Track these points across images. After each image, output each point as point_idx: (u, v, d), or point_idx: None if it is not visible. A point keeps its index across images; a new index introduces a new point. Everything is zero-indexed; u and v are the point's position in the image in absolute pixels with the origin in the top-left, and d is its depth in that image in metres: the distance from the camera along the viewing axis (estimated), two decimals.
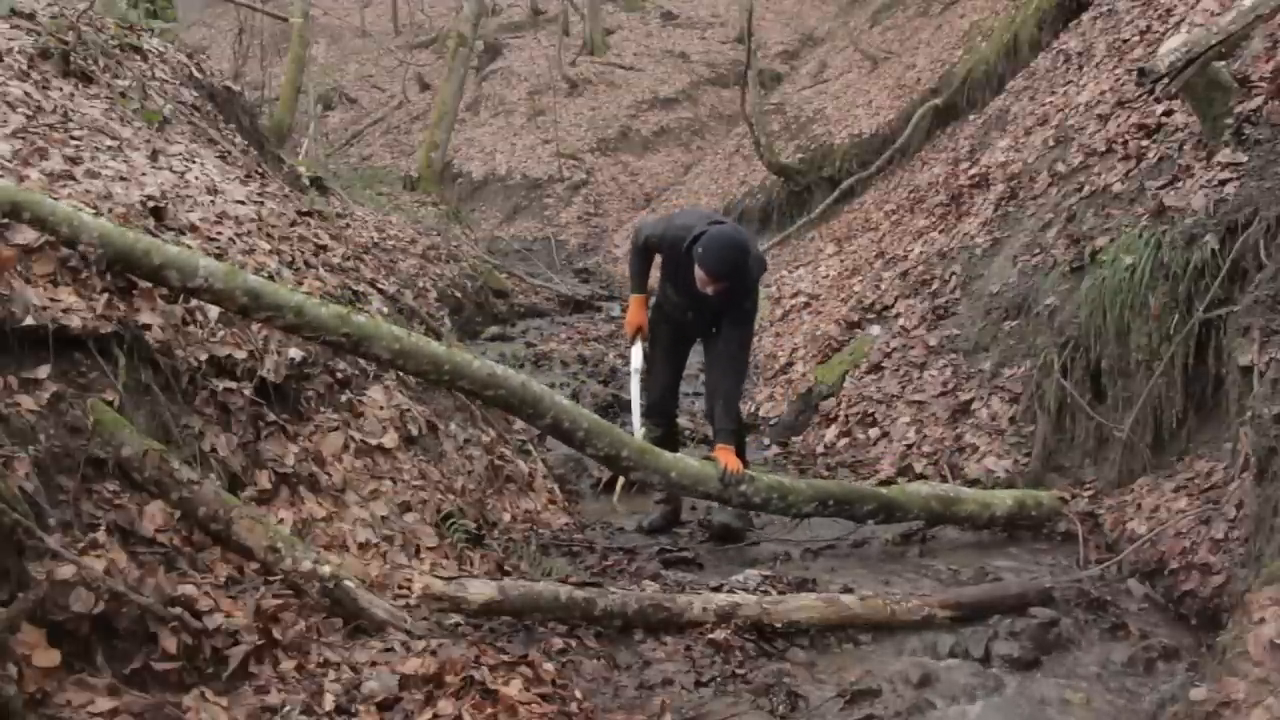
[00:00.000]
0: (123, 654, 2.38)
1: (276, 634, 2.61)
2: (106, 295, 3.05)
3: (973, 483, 4.85)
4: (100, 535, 2.52)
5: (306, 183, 8.89)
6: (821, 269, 9.47)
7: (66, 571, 2.32)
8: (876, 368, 6.06)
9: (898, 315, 6.42)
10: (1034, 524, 4.32)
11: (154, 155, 4.43)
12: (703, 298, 4.20)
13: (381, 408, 3.87)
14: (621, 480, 4.58)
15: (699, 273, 4.08)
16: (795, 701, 2.90)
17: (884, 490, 4.24)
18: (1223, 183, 4.27)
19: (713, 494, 4.04)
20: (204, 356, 3.24)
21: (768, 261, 4.41)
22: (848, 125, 13.62)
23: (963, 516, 4.25)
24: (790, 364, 7.22)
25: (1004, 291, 5.62)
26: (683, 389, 7.60)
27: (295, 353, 3.58)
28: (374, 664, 2.65)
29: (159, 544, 2.67)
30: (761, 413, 6.70)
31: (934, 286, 6.33)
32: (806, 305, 8.56)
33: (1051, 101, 7.40)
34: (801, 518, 4.18)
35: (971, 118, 10.27)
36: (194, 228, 3.88)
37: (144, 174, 4.10)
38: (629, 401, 5.03)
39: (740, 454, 4.34)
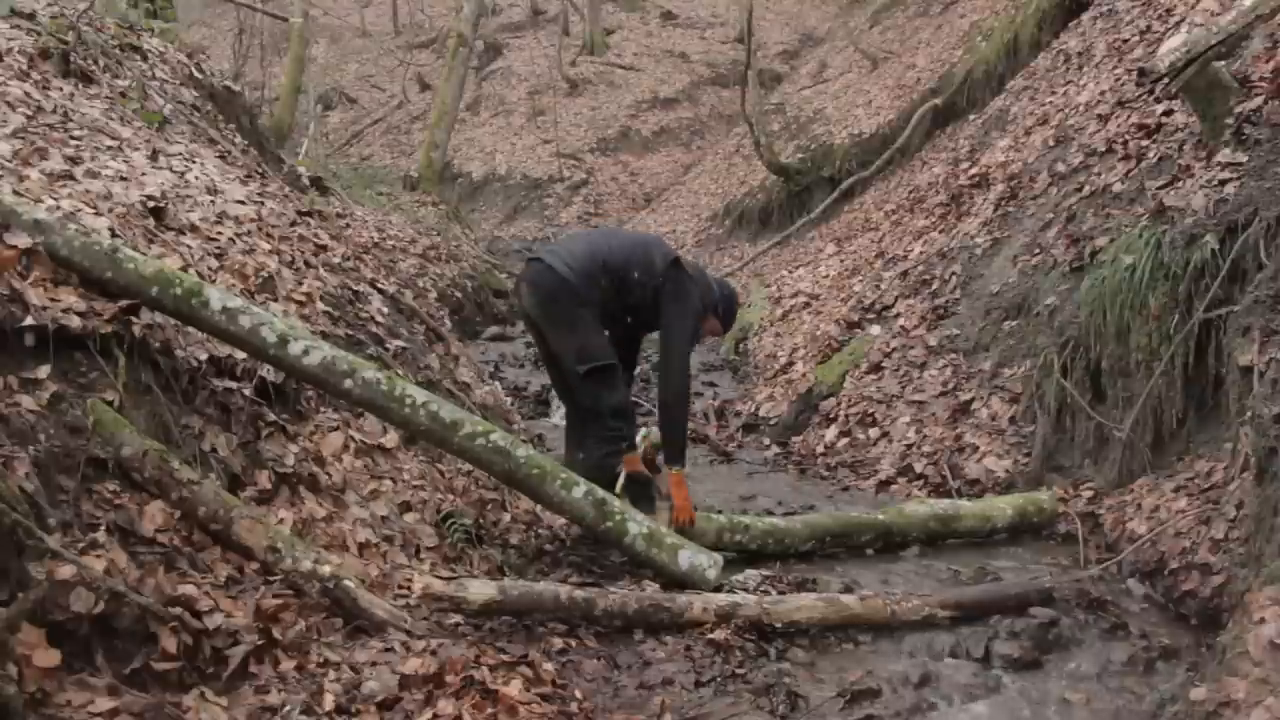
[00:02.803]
0: (123, 654, 2.37)
1: (276, 634, 2.61)
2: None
3: (973, 482, 4.85)
4: (100, 535, 2.52)
5: (306, 183, 8.89)
6: (821, 269, 9.47)
7: (66, 571, 2.32)
8: (876, 368, 6.06)
9: (898, 315, 6.42)
10: (1036, 529, 4.32)
11: (154, 155, 4.43)
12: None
13: None
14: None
15: (714, 329, 4.58)
16: (795, 701, 2.90)
17: (881, 516, 4.19)
18: (1223, 183, 4.27)
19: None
20: (204, 356, 3.24)
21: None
22: (848, 125, 13.62)
23: (963, 532, 4.25)
24: (790, 364, 7.22)
25: (1004, 291, 5.62)
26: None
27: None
28: (374, 664, 2.65)
29: (159, 544, 2.67)
30: (761, 413, 6.70)
31: (934, 286, 6.33)
32: (806, 305, 8.56)
33: (1051, 101, 7.40)
34: (799, 556, 4.07)
35: (971, 118, 10.28)
36: (194, 228, 3.88)
37: (144, 174, 4.10)
38: None
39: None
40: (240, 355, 3.32)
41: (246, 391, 3.30)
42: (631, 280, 4.17)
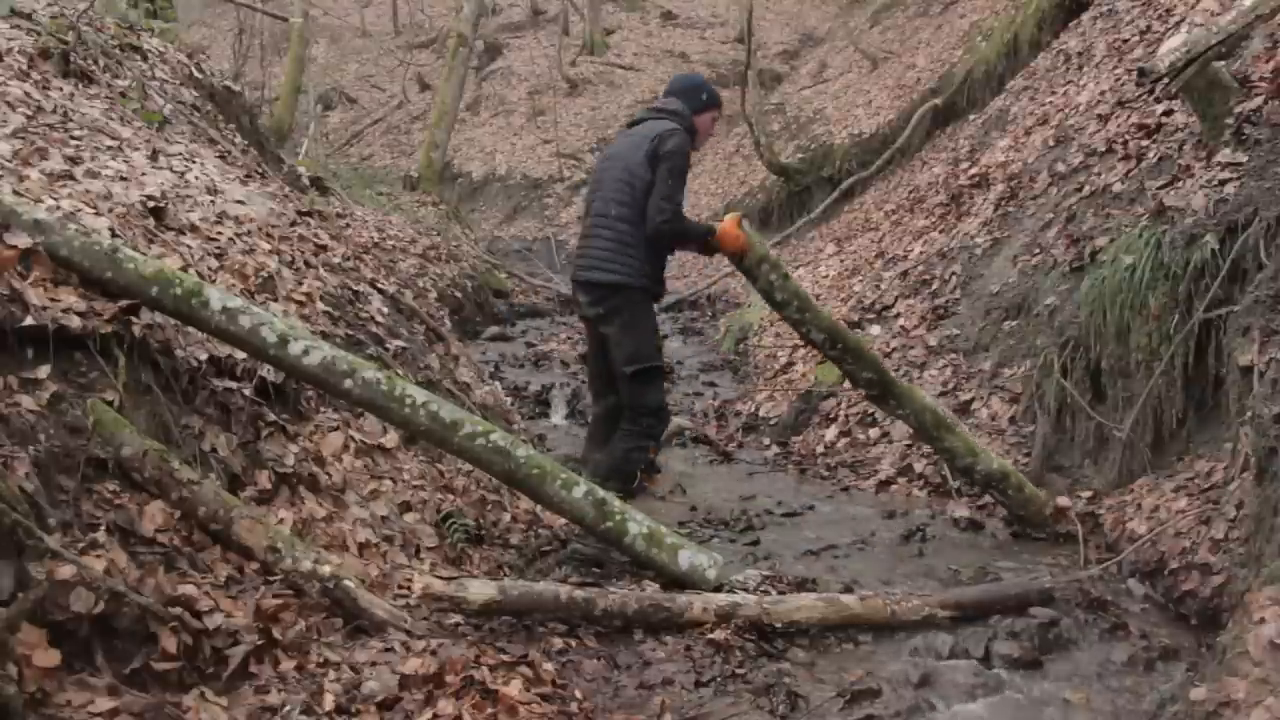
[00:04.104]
0: (123, 654, 2.38)
1: (276, 634, 2.61)
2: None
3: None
4: (100, 535, 2.52)
5: (306, 183, 8.89)
6: (821, 269, 9.47)
7: (66, 571, 2.32)
8: None
9: (898, 315, 6.42)
10: (1011, 503, 4.29)
11: (154, 155, 4.43)
12: None
13: None
14: None
15: (713, 116, 4.52)
16: (795, 701, 2.90)
17: (891, 374, 4.32)
18: (1223, 183, 4.27)
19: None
20: (204, 356, 3.24)
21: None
22: (848, 125, 13.63)
23: (948, 448, 4.31)
24: (790, 364, 7.22)
25: (1004, 291, 5.62)
26: (683, 389, 7.68)
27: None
28: (374, 664, 2.65)
29: (159, 544, 2.67)
30: (761, 413, 6.69)
31: (934, 286, 6.33)
32: None
33: (1051, 101, 7.40)
34: (809, 343, 4.28)
35: (971, 118, 10.29)
36: (194, 228, 3.88)
37: (144, 174, 4.10)
38: None
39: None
40: (240, 355, 3.32)
41: (246, 391, 3.30)
42: (636, 204, 4.25)
